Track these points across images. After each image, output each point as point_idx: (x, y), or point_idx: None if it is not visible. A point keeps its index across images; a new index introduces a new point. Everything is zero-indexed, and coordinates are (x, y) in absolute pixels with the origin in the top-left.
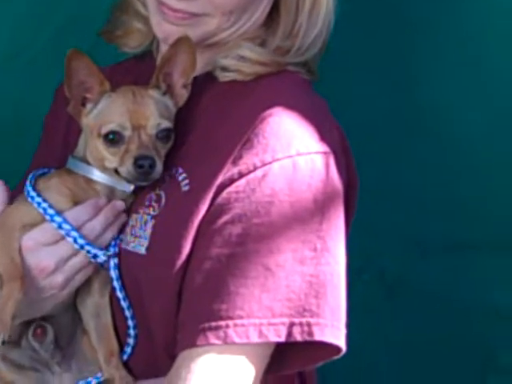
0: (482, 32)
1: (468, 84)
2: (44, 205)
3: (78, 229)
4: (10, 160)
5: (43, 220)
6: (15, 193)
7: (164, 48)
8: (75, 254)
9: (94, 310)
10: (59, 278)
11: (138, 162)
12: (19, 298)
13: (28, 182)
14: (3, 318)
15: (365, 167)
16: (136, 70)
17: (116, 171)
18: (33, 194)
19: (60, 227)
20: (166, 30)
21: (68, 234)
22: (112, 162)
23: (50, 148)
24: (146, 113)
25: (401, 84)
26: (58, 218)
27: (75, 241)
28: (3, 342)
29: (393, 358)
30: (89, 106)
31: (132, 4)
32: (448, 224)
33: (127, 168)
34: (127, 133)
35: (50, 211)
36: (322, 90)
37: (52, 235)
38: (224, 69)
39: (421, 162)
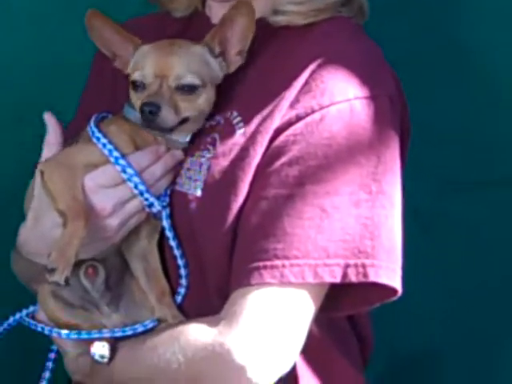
0: None
1: None
2: (109, 146)
3: (139, 173)
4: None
5: (105, 162)
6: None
7: (211, 3)
8: (132, 198)
9: (142, 254)
10: (115, 222)
11: (142, 108)
12: (83, 236)
13: (92, 123)
14: (68, 256)
15: None
16: (173, 27)
17: None
18: (98, 135)
19: (124, 171)
20: None
21: (130, 179)
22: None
23: (100, 90)
24: (172, 63)
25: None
26: (122, 162)
27: (136, 186)
28: (66, 280)
29: (431, 293)
30: (130, 58)
31: None
32: (482, 160)
33: (137, 113)
34: (148, 81)
35: (115, 154)
36: None
37: (112, 178)
38: (278, 14)
39: (454, 97)
